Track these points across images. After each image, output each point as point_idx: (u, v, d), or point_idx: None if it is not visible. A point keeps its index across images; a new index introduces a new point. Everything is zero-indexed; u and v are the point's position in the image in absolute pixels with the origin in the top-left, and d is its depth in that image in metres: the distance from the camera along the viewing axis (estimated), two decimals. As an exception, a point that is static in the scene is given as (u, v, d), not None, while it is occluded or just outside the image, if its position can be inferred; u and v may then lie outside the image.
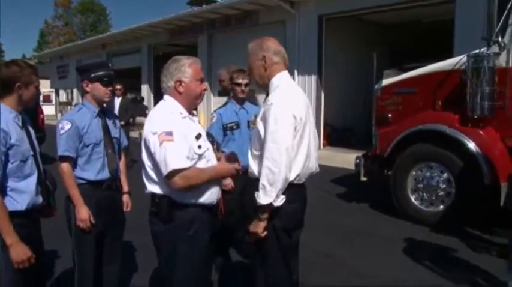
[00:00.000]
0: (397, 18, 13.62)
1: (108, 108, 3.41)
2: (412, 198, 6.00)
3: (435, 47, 10.96)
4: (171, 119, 2.44)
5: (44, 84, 27.54)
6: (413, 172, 5.98)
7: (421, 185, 5.91)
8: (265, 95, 2.72)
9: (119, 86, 8.85)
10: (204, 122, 13.30)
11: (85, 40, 29.03)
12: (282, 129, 2.40)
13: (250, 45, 2.68)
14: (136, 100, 19.82)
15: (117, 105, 8.90)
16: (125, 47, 22.73)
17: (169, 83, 2.52)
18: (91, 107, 3.11)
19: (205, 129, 3.12)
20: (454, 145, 5.50)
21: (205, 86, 2.62)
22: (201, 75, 2.58)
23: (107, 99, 3.16)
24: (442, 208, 5.72)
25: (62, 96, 30.95)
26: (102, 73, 3.07)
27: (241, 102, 4.24)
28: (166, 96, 2.56)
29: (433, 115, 5.85)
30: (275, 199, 2.41)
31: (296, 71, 13.27)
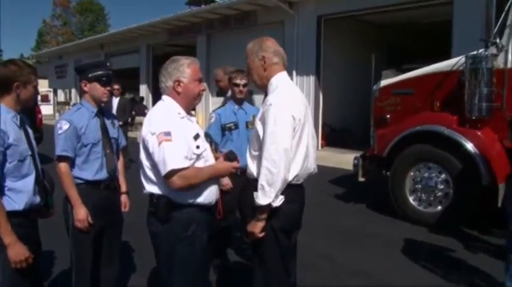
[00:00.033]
0: (395, 19, 13.64)
1: (106, 108, 3.40)
2: (410, 199, 6.01)
3: (433, 47, 10.99)
4: (170, 119, 2.43)
5: (42, 83, 27.55)
6: (412, 173, 5.99)
7: (419, 186, 5.91)
8: (264, 95, 2.72)
9: (116, 86, 8.82)
10: (202, 122, 13.33)
11: (83, 40, 29.02)
12: (281, 130, 2.40)
13: (250, 45, 2.67)
14: (134, 100, 19.82)
15: (115, 105, 8.89)
16: (123, 47, 22.73)
17: (167, 83, 2.52)
18: (89, 107, 3.10)
19: (203, 130, 3.12)
20: (452, 145, 5.51)
21: (203, 86, 2.62)
22: (200, 76, 2.58)
23: (105, 99, 3.15)
24: (440, 208, 5.72)
25: (60, 96, 30.91)
26: (100, 73, 3.06)
27: (239, 102, 4.24)
28: (165, 96, 2.56)
29: (431, 116, 5.86)
30: (274, 199, 2.41)
31: (294, 72, 13.28)
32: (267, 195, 2.39)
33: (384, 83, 6.46)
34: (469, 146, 5.36)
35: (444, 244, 5.14)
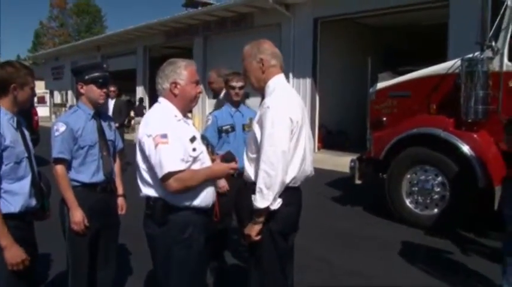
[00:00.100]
0: (391, 22, 13.68)
1: (103, 110, 3.39)
2: (406, 201, 6.02)
3: (430, 50, 11.02)
4: (166, 122, 2.43)
5: (39, 85, 27.44)
6: (408, 175, 6.00)
7: (416, 189, 5.92)
8: (261, 98, 2.71)
9: (113, 88, 8.82)
10: (198, 124, 13.31)
11: (80, 41, 28.93)
12: (279, 133, 2.40)
13: (247, 47, 2.66)
14: (130, 102, 19.83)
15: (111, 107, 8.87)
16: (120, 49, 22.68)
17: (164, 84, 2.52)
18: (86, 109, 3.09)
19: (200, 132, 3.12)
20: (448, 148, 5.53)
21: (200, 89, 2.61)
22: (197, 78, 2.57)
23: (102, 101, 3.14)
24: (436, 211, 5.74)
25: (57, 97, 30.84)
26: (96, 75, 3.05)
27: (236, 105, 4.24)
28: (161, 98, 2.55)
29: (427, 119, 5.88)
30: (272, 202, 2.41)
31: (291, 74, 13.28)
32: (265, 198, 2.39)
33: (380, 85, 6.47)
34: (465, 148, 5.38)
35: (441, 247, 5.15)
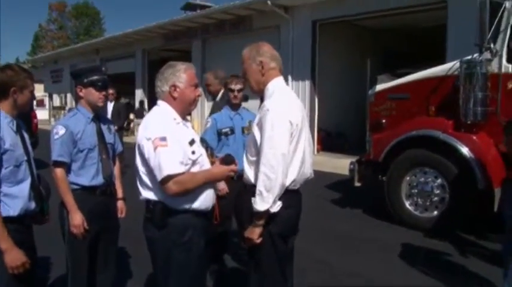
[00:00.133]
0: (390, 24, 13.70)
1: (102, 113, 3.39)
2: (406, 203, 6.01)
3: (428, 52, 11.04)
4: (165, 125, 2.43)
5: (38, 88, 27.42)
6: (408, 178, 5.99)
7: (415, 191, 5.92)
8: (260, 101, 2.71)
9: (111, 91, 8.78)
10: (198, 127, 13.31)
11: (79, 45, 28.98)
12: (279, 135, 2.40)
13: (246, 50, 2.66)
14: (129, 105, 19.82)
15: (110, 110, 8.87)
16: (118, 52, 22.71)
17: (163, 87, 2.52)
18: (86, 112, 3.09)
19: (199, 135, 3.12)
20: (447, 150, 5.53)
21: (199, 92, 2.61)
22: (196, 81, 2.58)
23: (101, 104, 3.14)
24: (436, 213, 5.73)
25: (56, 100, 30.84)
26: (95, 78, 3.05)
27: (235, 108, 4.24)
28: (160, 101, 2.55)
29: (426, 121, 5.88)
30: (272, 205, 2.40)
31: (290, 76, 13.30)
32: (265, 201, 2.39)
33: (380, 87, 6.47)
34: (465, 150, 5.38)
35: (440, 249, 5.15)
